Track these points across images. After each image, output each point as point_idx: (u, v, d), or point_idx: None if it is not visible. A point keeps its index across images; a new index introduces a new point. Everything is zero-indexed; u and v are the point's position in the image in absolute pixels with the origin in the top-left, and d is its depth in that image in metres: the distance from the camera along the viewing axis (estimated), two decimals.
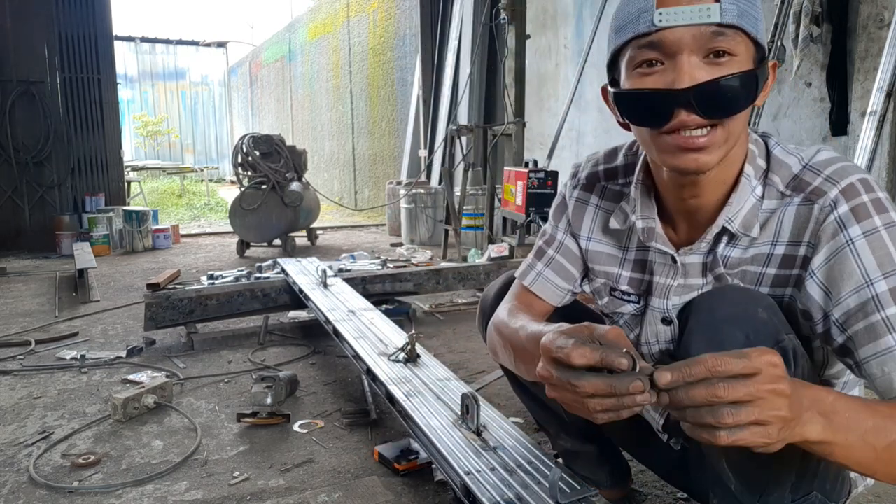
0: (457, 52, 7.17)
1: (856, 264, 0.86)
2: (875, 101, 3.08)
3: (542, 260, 1.22)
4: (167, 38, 19.28)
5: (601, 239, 1.16)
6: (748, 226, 0.95)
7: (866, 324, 0.85)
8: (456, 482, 1.26)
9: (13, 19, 6.12)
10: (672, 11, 0.85)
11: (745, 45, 0.87)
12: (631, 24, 0.89)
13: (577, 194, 1.19)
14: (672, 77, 0.86)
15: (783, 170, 0.96)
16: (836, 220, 0.88)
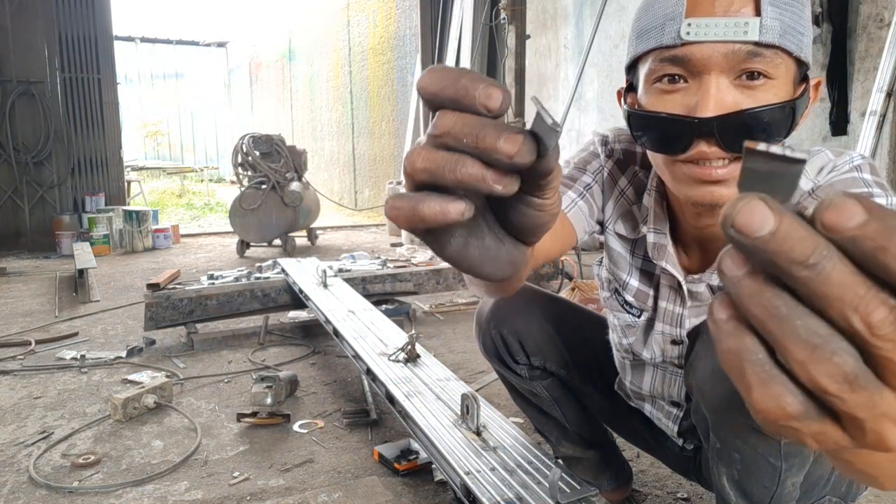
0: (457, 52, 7.17)
1: None
2: (875, 101, 3.08)
3: (573, 189, 1.03)
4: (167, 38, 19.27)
5: (615, 233, 1.07)
6: None
7: None
8: (456, 482, 1.26)
9: (13, 19, 6.12)
10: (703, 23, 0.74)
11: (786, 65, 0.76)
12: (654, 32, 0.78)
13: (610, 167, 1.05)
14: (695, 101, 0.76)
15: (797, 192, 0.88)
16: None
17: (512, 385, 1.43)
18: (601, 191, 1.06)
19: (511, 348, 1.31)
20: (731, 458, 0.93)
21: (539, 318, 1.31)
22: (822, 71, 3.44)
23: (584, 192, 1.04)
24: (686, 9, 0.75)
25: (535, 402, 1.41)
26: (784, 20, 0.74)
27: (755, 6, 0.73)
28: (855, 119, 3.32)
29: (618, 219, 1.05)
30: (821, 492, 0.99)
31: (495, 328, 1.31)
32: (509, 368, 1.36)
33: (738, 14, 0.73)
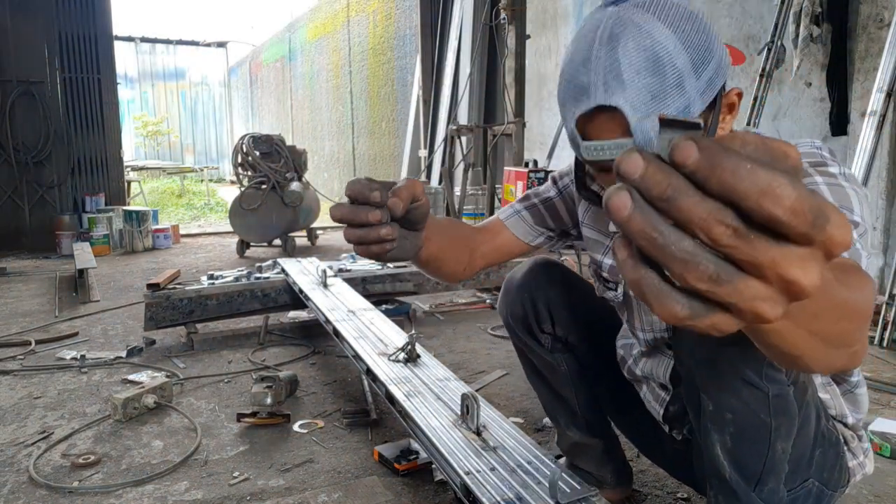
0: (457, 52, 7.17)
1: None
2: (875, 101, 3.08)
3: (524, 203, 1.29)
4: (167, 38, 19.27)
5: (590, 225, 1.24)
6: None
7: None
8: (456, 482, 1.26)
9: (13, 19, 6.12)
10: (594, 147, 0.85)
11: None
12: (570, 141, 0.91)
13: (573, 187, 1.25)
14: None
15: None
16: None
17: (529, 360, 1.45)
18: (564, 203, 1.27)
19: (540, 315, 1.35)
20: (723, 421, 0.96)
21: (568, 290, 1.36)
22: (822, 71, 3.44)
23: (536, 205, 1.26)
24: (580, 133, 0.87)
25: (550, 379, 1.43)
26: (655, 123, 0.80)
27: (625, 127, 0.82)
28: (855, 119, 3.32)
29: (593, 215, 1.23)
30: (805, 473, 1.01)
31: (528, 293, 1.34)
32: (534, 337, 1.38)
33: (615, 136, 0.84)
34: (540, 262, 1.36)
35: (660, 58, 0.81)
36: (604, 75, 0.82)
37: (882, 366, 2.52)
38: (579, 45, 0.86)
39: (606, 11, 0.85)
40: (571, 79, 0.86)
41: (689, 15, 0.85)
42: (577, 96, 0.85)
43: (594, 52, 0.83)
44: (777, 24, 3.46)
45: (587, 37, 0.85)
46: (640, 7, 0.84)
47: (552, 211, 1.28)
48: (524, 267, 1.39)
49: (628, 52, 0.81)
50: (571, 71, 0.86)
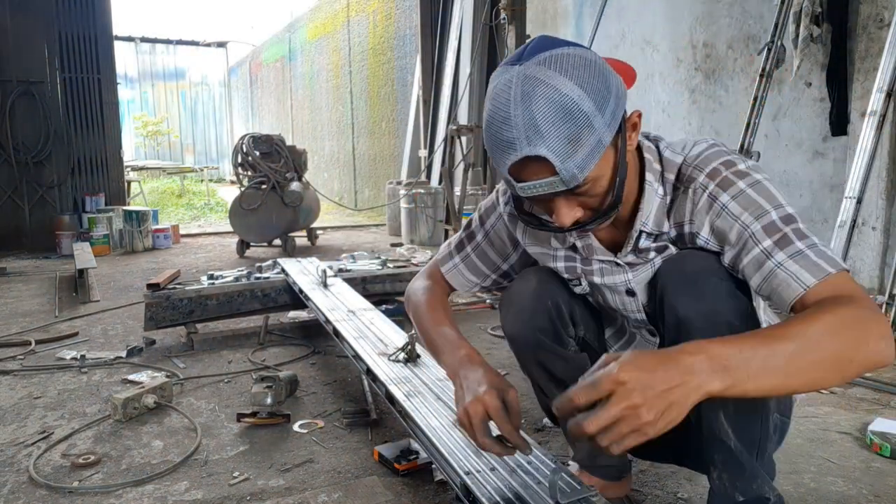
0: (457, 52, 7.17)
1: (733, 220, 1.04)
2: (875, 101, 3.08)
3: (460, 254, 1.41)
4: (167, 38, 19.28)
5: (533, 243, 1.33)
6: (659, 224, 1.14)
7: (751, 256, 1.02)
8: (456, 482, 1.26)
9: (13, 19, 6.12)
10: (529, 186, 0.98)
11: (601, 162, 0.97)
12: (505, 181, 1.02)
13: (509, 209, 1.33)
14: (553, 211, 1.03)
15: (673, 168, 1.12)
16: (708, 196, 1.07)
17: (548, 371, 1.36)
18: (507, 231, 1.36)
19: (563, 320, 1.32)
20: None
21: (566, 289, 1.35)
22: (822, 71, 3.44)
23: (470, 253, 1.40)
24: (514, 178, 0.99)
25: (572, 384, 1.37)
26: (577, 161, 0.94)
27: (552, 169, 0.95)
28: (855, 119, 3.32)
29: (535, 236, 1.31)
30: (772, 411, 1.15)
31: (549, 299, 1.31)
32: (562, 344, 1.33)
33: (545, 177, 0.96)
34: (544, 272, 1.34)
35: (568, 107, 0.92)
36: (524, 130, 0.93)
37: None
38: (497, 105, 0.96)
39: (513, 70, 0.96)
40: (496, 134, 0.97)
41: (584, 63, 0.95)
42: (505, 150, 0.96)
43: (512, 111, 0.94)
44: (777, 24, 3.46)
45: (501, 96, 0.96)
46: (543, 64, 0.94)
47: (483, 256, 1.40)
48: (529, 281, 1.34)
49: (541, 108, 0.92)
50: (495, 129, 0.97)
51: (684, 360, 0.82)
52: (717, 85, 4.17)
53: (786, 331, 0.86)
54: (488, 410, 1.07)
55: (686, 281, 1.10)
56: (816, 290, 0.94)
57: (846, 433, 1.90)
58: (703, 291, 1.07)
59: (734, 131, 3.86)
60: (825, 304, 0.91)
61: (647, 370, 0.81)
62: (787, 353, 0.84)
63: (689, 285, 1.09)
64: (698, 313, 1.07)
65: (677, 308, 1.10)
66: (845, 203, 3.10)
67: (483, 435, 1.07)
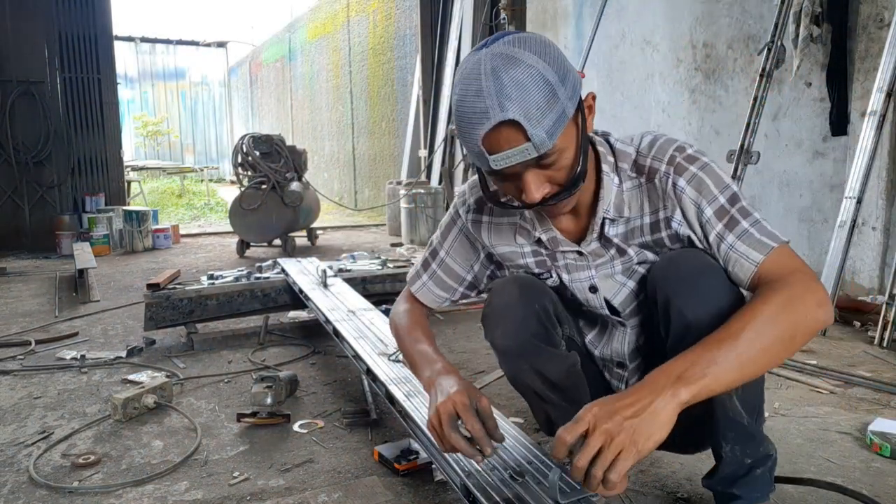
0: (457, 52, 7.17)
1: (691, 202, 1.16)
2: (875, 101, 3.08)
3: (426, 272, 1.47)
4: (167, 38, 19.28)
5: (500, 244, 1.38)
6: (620, 209, 1.22)
7: (711, 240, 1.15)
8: (456, 482, 1.26)
9: (13, 19, 6.12)
10: (501, 157, 1.02)
11: (565, 135, 1.04)
12: (476, 160, 1.07)
13: (471, 217, 1.39)
14: (522, 188, 1.08)
15: (626, 158, 1.22)
16: (671, 182, 1.17)
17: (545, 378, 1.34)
18: (468, 241, 1.42)
19: (552, 320, 1.33)
20: None
21: (547, 288, 1.37)
22: (822, 71, 3.44)
23: (436, 270, 1.45)
24: (487, 150, 1.03)
25: (567, 386, 1.36)
26: (545, 127, 1.00)
27: (524, 135, 1.00)
28: (855, 119, 3.32)
29: (500, 237, 1.37)
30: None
31: (536, 302, 1.31)
32: (553, 343, 1.33)
33: (517, 144, 1.01)
34: (522, 279, 1.35)
35: (535, 77, 1.00)
36: (497, 98, 0.99)
37: (882, 366, 2.52)
38: (468, 83, 1.02)
39: (480, 53, 1.03)
40: (469, 109, 1.02)
41: (544, 42, 1.04)
42: (478, 121, 1.01)
43: (483, 83, 1.00)
44: (777, 24, 3.46)
45: (471, 75, 1.02)
46: (509, 44, 1.02)
47: (448, 271, 1.44)
48: (510, 293, 1.33)
49: (511, 77, 0.99)
50: (467, 104, 1.02)
51: (646, 385, 0.96)
52: (717, 85, 4.17)
53: (728, 331, 1.00)
54: (456, 407, 1.12)
55: (686, 283, 1.14)
56: (765, 266, 1.09)
57: (846, 433, 1.90)
58: (705, 291, 1.13)
59: (734, 131, 3.86)
60: (765, 289, 1.06)
61: (614, 401, 0.95)
62: (735, 350, 0.97)
63: (690, 288, 1.14)
64: (708, 315, 1.12)
65: (685, 313, 1.14)
66: (845, 203, 3.10)
67: (450, 431, 1.11)
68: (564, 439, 0.95)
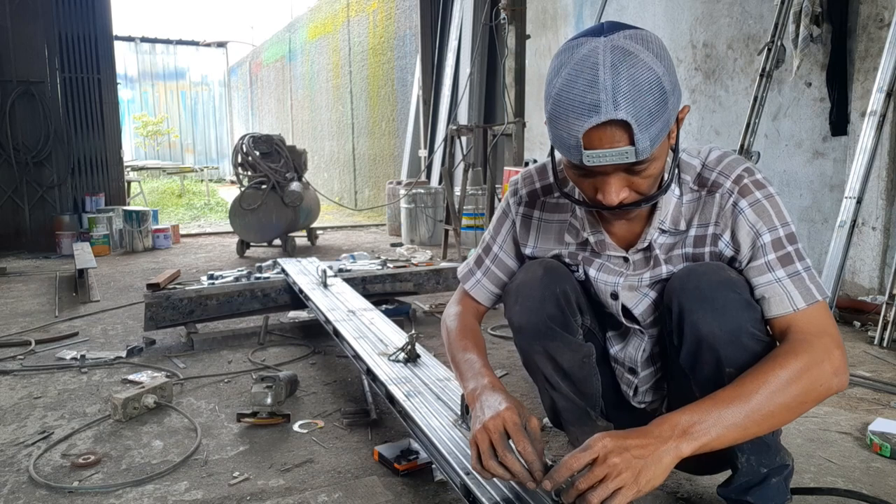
0: (457, 52, 7.17)
1: (748, 225, 1.15)
2: (875, 101, 3.08)
3: (480, 269, 1.45)
4: (167, 38, 19.27)
5: (543, 246, 1.37)
6: (676, 222, 1.21)
7: (756, 264, 1.15)
8: (456, 482, 1.26)
9: (13, 19, 6.12)
10: (597, 154, 0.99)
11: (661, 144, 1.02)
12: (565, 151, 1.03)
13: (522, 211, 1.38)
14: (599, 189, 1.06)
15: (690, 171, 1.21)
16: (732, 202, 1.16)
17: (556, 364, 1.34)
18: (513, 240, 1.42)
19: (571, 307, 1.32)
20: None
21: (572, 277, 1.35)
22: (822, 71, 3.44)
23: (490, 266, 1.44)
24: (583, 145, 0.99)
25: (579, 376, 1.35)
26: (651, 134, 0.98)
27: (628, 137, 0.98)
28: (855, 119, 3.32)
29: (547, 235, 1.37)
30: None
31: (557, 286, 1.30)
32: (570, 330, 1.32)
33: (619, 146, 0.98)
34: (548, 262, 1.34)
35: (653, 81, 0.97)
36: (612, 94, 0.96)
37: (882, 366, 2.52)
38: (579, 70, 0.98)
39: (599, 41, 0.99)
40: (576, 97, 0.98)
41: (663, 46, 1.02)
42: (585, 112, 0.97)
43: (600, 75, 0.96)
44: (777, 24, 3.46)
45: (587, 61, 0.98)
46: (630, 39, 0.99)
47: (501, 266, 1.43)
48: (535, 271, 1.33)
49: (631, 76, 0.96)
50: (576, 92, 0.98)
51: (654, 430, 0.99)
52: (717, 85, 4.17)
53: (741, 390, 1.02)
54: (507, 426, 1.07)
55: (703, 297, 1.14)
56: (800, 315, 1.11)
57: (846, 433, 1.90)
58: (722, 307, 1.13)
59: (734, 131, 3.86)
60: (786, 349, 1.07)
61: (624, 437, 0.97)
62: (744, 411, 1.00)
63: (707, 301, 1.14)
64: (722, 330, 1.13)
65: (699, 326, 1.14)
66: (845, 203, 3.11)
67: (503, 450, 1.06)
68: (571, 466, 0.96)
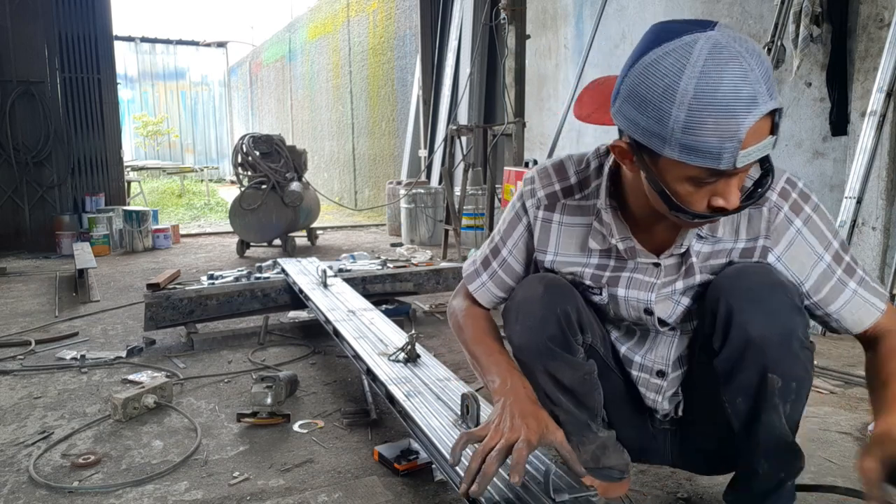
0: (457, 52, 7.17)
1: (807, 246, 1.15)
2: (875, 101, 3.07)
3: (487, 271, 1.40)
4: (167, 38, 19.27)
5: (565, 252, 1.30)
6: (714, 228, 1.17)
7: (829, 287, 1.16)
8: (456, 482, 1.26)
9: (13, 19, 6.12)
10: (750, 152, 0.92)
11: None
12: (709, 157, 0.93)
13: (541, 215, 1.30)
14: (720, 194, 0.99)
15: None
16: (784, 217, 1.15)
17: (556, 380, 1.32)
18: (525, 245, 1.35)
19: (573, 327, 1.28)
20: (789, 391, 1.13)
21: (578, 296, 1.32)
22: (822, 71, 3.43)
23: (497, 270, 1.37)
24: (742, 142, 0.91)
25: (579, 391, 1.33)
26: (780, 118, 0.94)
27: (770, 126, 0.93)
28: (855, 119, 3.32)
29: (569, 240, 1.29)
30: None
31: (559, 306, 1.26)
32: (571, 351, 1.29)
33: (764, 138, 0.93)
34: (549, 277, 1.31)
35: (768, 66, 0.93)
36: (764, 83, 0.90)
37: None
38: (720, 64, 0.90)
39: (713, 33, 0.92)
40: (730, 94, 0.90)
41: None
42: (744, 108, 0.90)
43: (747, 64, 0.90)
44: (777, 24, 3.46)
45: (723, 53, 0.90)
46: (724, 30, 0.93)
47: (509, 271, 1.38)
48: (535, 289, 1.30)
49: (762, 61, 0.91)
50: (727, 87, 0.90)
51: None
52: None
53: None
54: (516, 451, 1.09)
55: (754, 298, 1.11)
56: (885, 316, 1.16)
57: (846, 433, 1.90)
58: (774, 309, 1.10)
59: None
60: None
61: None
62: None
63: (759, 303, 1.11)
64: (773, 333, 1.10)
65: (749, 328, 1.11)
66: (845, 203, 3.10)
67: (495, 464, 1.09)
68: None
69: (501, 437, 1.10)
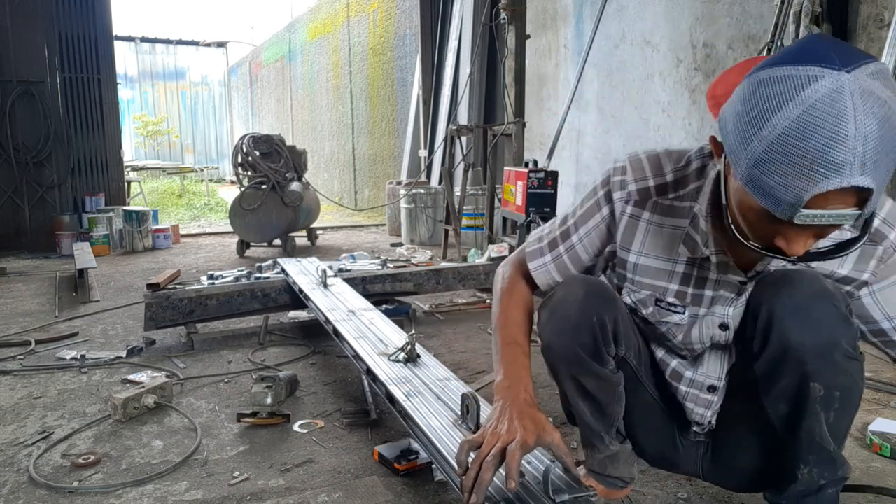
0: (457, 52, 7.17)
1: None
2: None
3: (551, 252, 1.33)
4: (167, 38, 19.27)
5: (651, 254, 1.24)
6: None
7: None
8: (456, 482, 1.26)
9: (13, 19, 6.12)
10: (814, 215, 0.84)
11: None
12: (770, 201, 0.87)
13: (630, 210, 1.23)
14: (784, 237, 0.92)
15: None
16: None
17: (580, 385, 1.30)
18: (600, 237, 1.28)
19: (606, 338, 1.25)
20: (832, 400, 1.12)
21: (620, 306, 1.29)
22: None
23: (562, 254, 1.32)
24: (803, 205, 0.84)
25: (602, 399, 1.31)
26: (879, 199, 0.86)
27: (856, 201, 0.83)
28: None
29: (656, 242, 1.23)
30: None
31: (595, 314, 1.23)
32: (601, 361, 1.26)
33: (843, 208, 0.84)
34: (594, 285, 1.28)
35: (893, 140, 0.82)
36: (862, 155, 0.80)
37: (882, 366, 2.52)
38: (821, 117, 0.81)
39: (843, 78, 0.81)
40: (811, 151, 0.81)
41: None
42: (822, 172, 0.81)
43: (850, 131, 0.79)
44: (777, 24, 3.46)
45: (831, 108, 0.80)
46: (878, 79, 0.82)
47: (574, 259, 1.31)
48: (576, 292, 1.26)
49: (883, 136, 0.80)
50: (813, 143, 0.81)
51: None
52: None
53: None
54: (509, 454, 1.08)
55: (797, 306, 1.09)
56: None
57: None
58: (818, 319, 1.08)
59: None
60: None
61: None
62: None
63: (801, 311, 1.08)
64: (812, 343, 1.08)
65: (788, 336, 1.09)
66: None
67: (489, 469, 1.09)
68: None
69: (498, 439, 1.10)
